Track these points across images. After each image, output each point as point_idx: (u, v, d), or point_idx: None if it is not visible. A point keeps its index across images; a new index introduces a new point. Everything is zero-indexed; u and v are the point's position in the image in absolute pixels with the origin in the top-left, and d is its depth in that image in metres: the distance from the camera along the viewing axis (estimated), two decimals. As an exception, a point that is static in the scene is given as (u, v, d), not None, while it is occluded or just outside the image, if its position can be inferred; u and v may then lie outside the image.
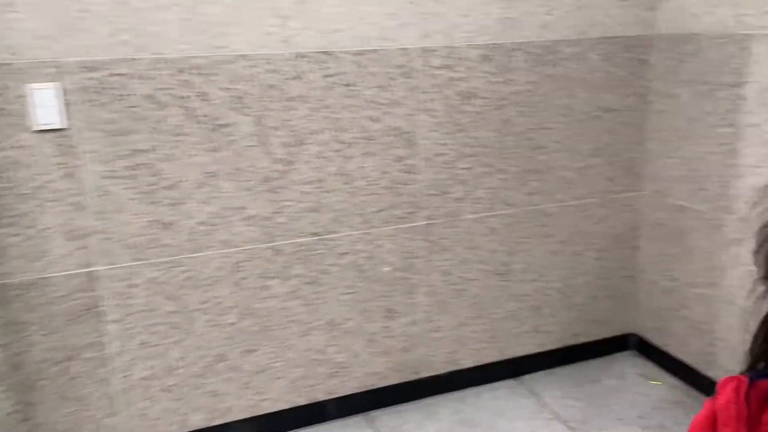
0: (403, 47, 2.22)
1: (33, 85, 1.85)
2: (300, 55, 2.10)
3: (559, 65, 2.43)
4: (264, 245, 2.20)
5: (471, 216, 2.45)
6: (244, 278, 2.20)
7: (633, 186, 2.69)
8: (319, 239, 2.27)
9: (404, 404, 2.53)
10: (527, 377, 2.70)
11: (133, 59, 1.93)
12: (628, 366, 2.78)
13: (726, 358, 2.41)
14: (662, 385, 2.63)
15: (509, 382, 2.67)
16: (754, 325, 0.84)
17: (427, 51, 2.24)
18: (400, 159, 2.30)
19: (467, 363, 2.61)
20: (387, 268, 2.38)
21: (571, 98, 2.49)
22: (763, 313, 0.78)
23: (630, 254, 2.77)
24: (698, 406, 2.53)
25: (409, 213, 2.36)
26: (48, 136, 1.90)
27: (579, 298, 2.74)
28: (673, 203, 2.56)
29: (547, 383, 2.66)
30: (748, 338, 0.83)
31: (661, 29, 2.50)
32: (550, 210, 2.58)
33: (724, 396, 0.79)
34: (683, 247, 2.54)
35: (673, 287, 2.62)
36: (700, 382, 2.54)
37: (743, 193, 2.24)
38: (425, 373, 2.55)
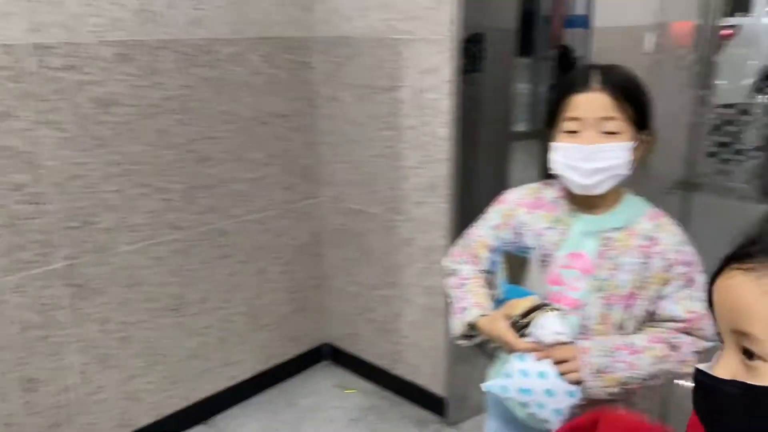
0: (6, 43, 1.70)
1: None
2: None
3: (217, 67, 2.17)
4: None
5: (128, 247, 2.04)
6: None
7: (311, 193, 2.58)
8: None
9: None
10: (220, 418, 2.41)
11: None
12: (324, 379, 2.68)
13: (411, 355, 2.46)
14: (357, 392, 2.59)
15: (199, 429, 2.35)
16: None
17: (40, 48, 1.76)
18: (18, 187, 1.78)
19: (145, 420, 2.20)
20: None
21: (235, 103, 2.25)
22: None
23: (315, 263, 2.67)
24: (389, 407, 2.57)
25: (41, 254, 1.85)
26: None
27: (268, 318, 2.54)
28: (350, 207, 2.52)
29: (242, 421, 2.40)
30: None
31: (319, 31, 2.42)
32: (226, 228, 2.31)
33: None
34: (363, 251, 2.52)
35: (357, 291, 2.60)
36: (390, 382, 2.57)
37: (408, 194, 2.28)
38: (92, 445, 2.07)
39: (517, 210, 1.32)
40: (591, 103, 1.15)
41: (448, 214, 2.17)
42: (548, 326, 1.14)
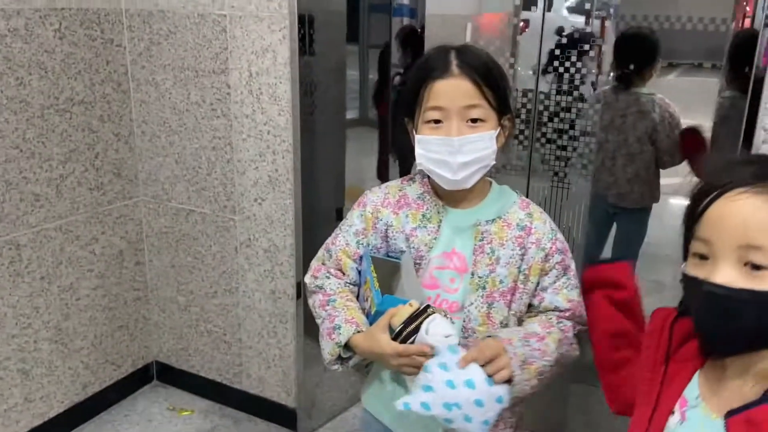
0: None
1: None
2: None
3: (-6, 42, 1.75)
4: None
5: None
6: None
7: (126, 192, 2.23)
8: None
9: None
10: (26, 467, 2.00)
11: None
12: (154, 402, 2.36)
13: (256, 367, 2.25)
14: (194, 413, 2.32)
15: (-2, 487, 1.92)
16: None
17: None
18: None
19: None
20: None
21: (24, 88, 1.84)
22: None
23: (135, 273, 2.32)
24: (234, 425, 2.31)
25: None
26: None
27: (81, 341, 2.16)
28: (176, 207, 2.22)
29: (55, 465, 2.02)
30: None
31: (126, 4, 2.07)
32: (20, 240, 1.90)
33: (652, 324, 0.91)
34: (194, 256, 2.24)
35: (188, 301, 2.31)
36: (233, 398, 2.33)
37: (246, 190, 2.05)
38: None
39: (382, 211, 1.19)
40: (454, 91, 1.07)
41: (293, 211, 1.99)
42: (436, 331, 1.02)
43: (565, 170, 2.04)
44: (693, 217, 0.78)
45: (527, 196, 2.02)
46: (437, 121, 1.08)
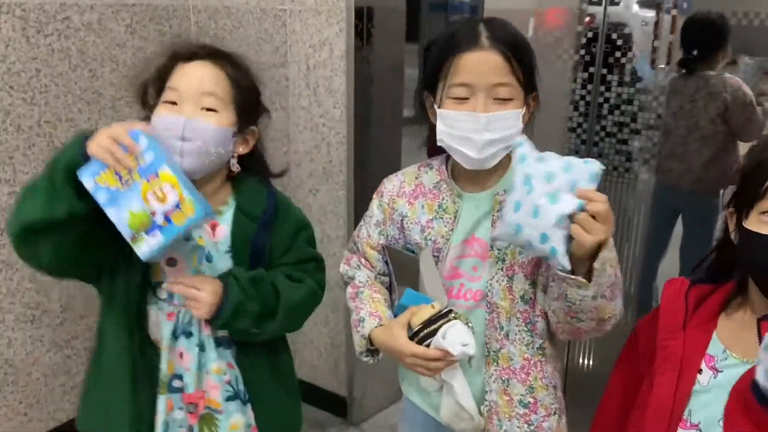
0: None
1: None
2: None
3: (71, 37, 1.86)
4: None
5: (-35, 252, 1.70)
6: None
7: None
8: None
9: None
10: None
11: None
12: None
13: (308, 354, 2.29)
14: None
15: (66, 457, 2.04)
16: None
17: None
18: None
19: (-3, 453, 1.87)
20: None
21: (97, 80, 1.95)
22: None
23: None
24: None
25: None
26: None
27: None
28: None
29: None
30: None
31: (195, 0, 2.16)
32: None
33: (666, 294, 0.97)
34: None
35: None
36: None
37: (302, 182, 2.10)
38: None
39: (397, 201, 1.16)
40: (482, 66, 1.00)
41: (345, 202, 2.02)
42: (453, 337, 0.99)
43: (626, 165, 1.99)
44: (758, 180, 0.84)
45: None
46: (462, 98, 1.02)
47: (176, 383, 1.16)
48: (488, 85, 1.01)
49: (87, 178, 0.98)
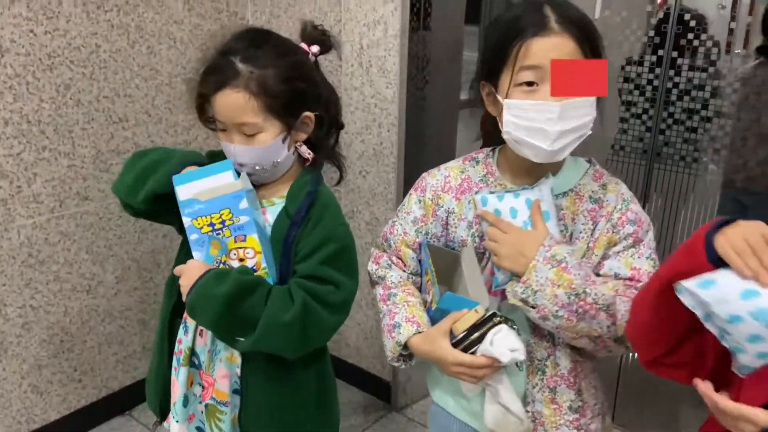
0: None
1: None
2: None
3: (129, 13, 1.88)
4: None
5: (26, 221, 1.76)
6: None
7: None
8: None
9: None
10: (141, 408, 2.17)
11: None
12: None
13: (354, 337, 2.29)
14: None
15: (118, 421, 2.10)
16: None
17: None
18: None
19: (53, 415, 1.94)
20: None
21: (154, 56, 1.98)
22: None
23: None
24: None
25: None
26: None
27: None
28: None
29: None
30: None
31: (252, -23, 2.16)
32: (145, 199, 2.05)
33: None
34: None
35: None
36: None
37: (353, 163, 2.08)
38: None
39: (443, 197, 1.10)
40: (554, 51, 0.93)
41: (395, 185, 1.99)
42: (502, 343, 0.94)
43: (694, 155, 1.87)
44: None
45: (648, 184, 1.88)
46: (531, 83, 0.95)
47: (195, 360, 1.17)
48: None
49: (186, 217, 1.05)
